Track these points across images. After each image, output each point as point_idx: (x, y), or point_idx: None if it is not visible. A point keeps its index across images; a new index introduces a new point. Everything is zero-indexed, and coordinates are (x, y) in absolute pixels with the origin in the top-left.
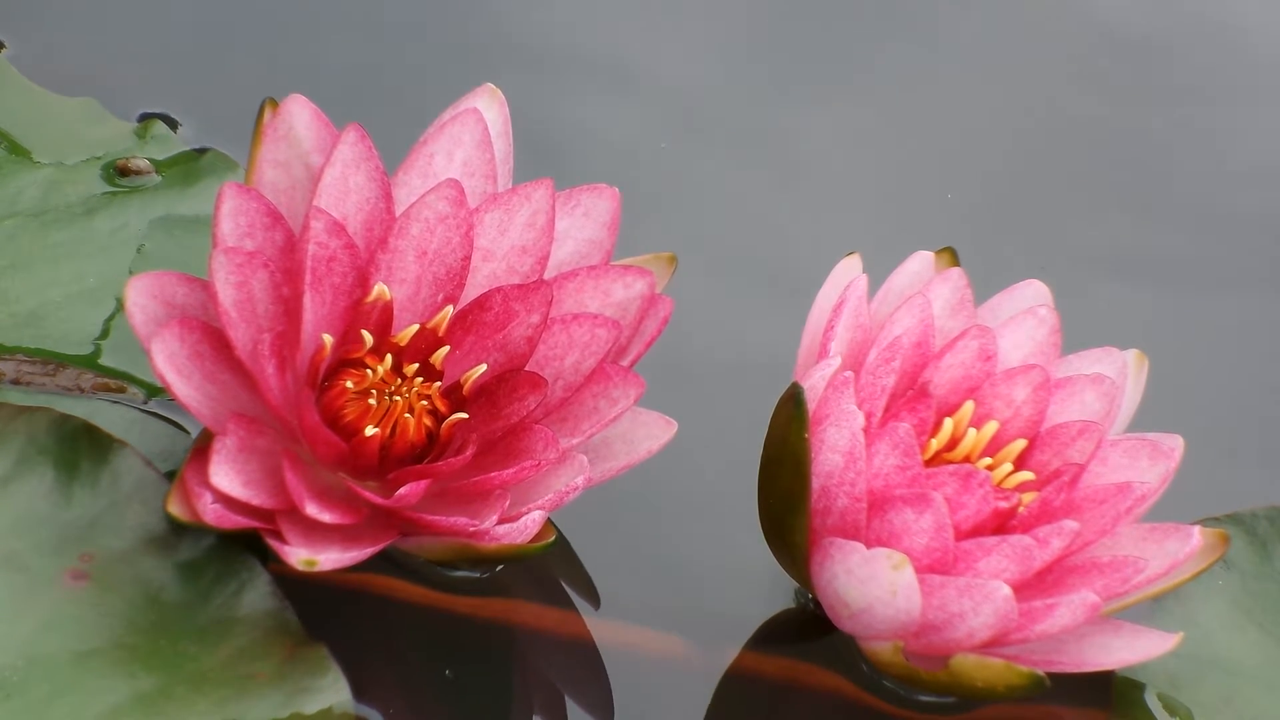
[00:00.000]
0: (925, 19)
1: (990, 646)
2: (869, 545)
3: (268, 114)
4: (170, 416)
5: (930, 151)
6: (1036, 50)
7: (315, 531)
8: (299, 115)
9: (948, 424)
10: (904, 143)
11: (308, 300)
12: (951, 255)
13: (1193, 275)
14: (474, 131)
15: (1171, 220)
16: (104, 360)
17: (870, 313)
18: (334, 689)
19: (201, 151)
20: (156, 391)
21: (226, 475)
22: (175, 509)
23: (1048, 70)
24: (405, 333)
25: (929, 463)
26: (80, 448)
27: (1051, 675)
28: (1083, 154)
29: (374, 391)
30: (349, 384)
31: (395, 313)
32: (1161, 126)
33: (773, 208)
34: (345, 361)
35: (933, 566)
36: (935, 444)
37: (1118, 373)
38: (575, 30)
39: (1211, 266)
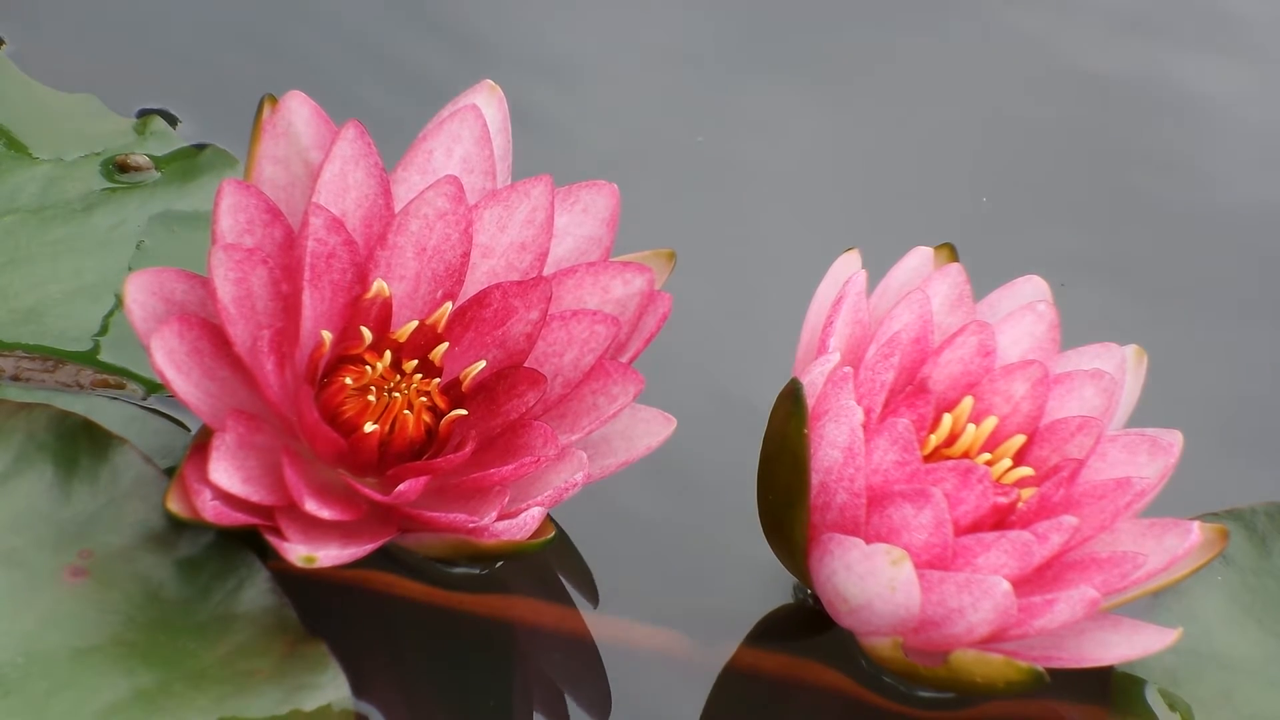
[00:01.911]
0: (923, 19)
1: (989, 642)
2: (868, 541)
3: (267, 110)
4: (169, 413)
5: (930, 150)
6: (1031, 49)
7: (314, 528)
8: (298, 112)
9: (947, 420)
10: (905, 141)
11: (307, 297)
12: (950, 251)
13: (1191, 271)
14: (473, 128)
15: (1171, 218)
16: (103, 356)
17: (869, 308)
18: (333, 686)
19: (200, 148)
20: (156, 388)
21: (226, 472)
22: (174, 505)
23: (1043, 69)
24: (404, 329)
25: (928, 458)
26: (79, 444)
27: (1051, 671)
28: (1081, 153)
29: (373, 388)
30: (348, 380)
31: (394, 309)
32: (1159, 125)
33: (772, 204)
34: (344, 358)
35: (932, 562)
36: (934, 440)
37: (1116, 368)
38: (574, 28)
39: (1210, 263)
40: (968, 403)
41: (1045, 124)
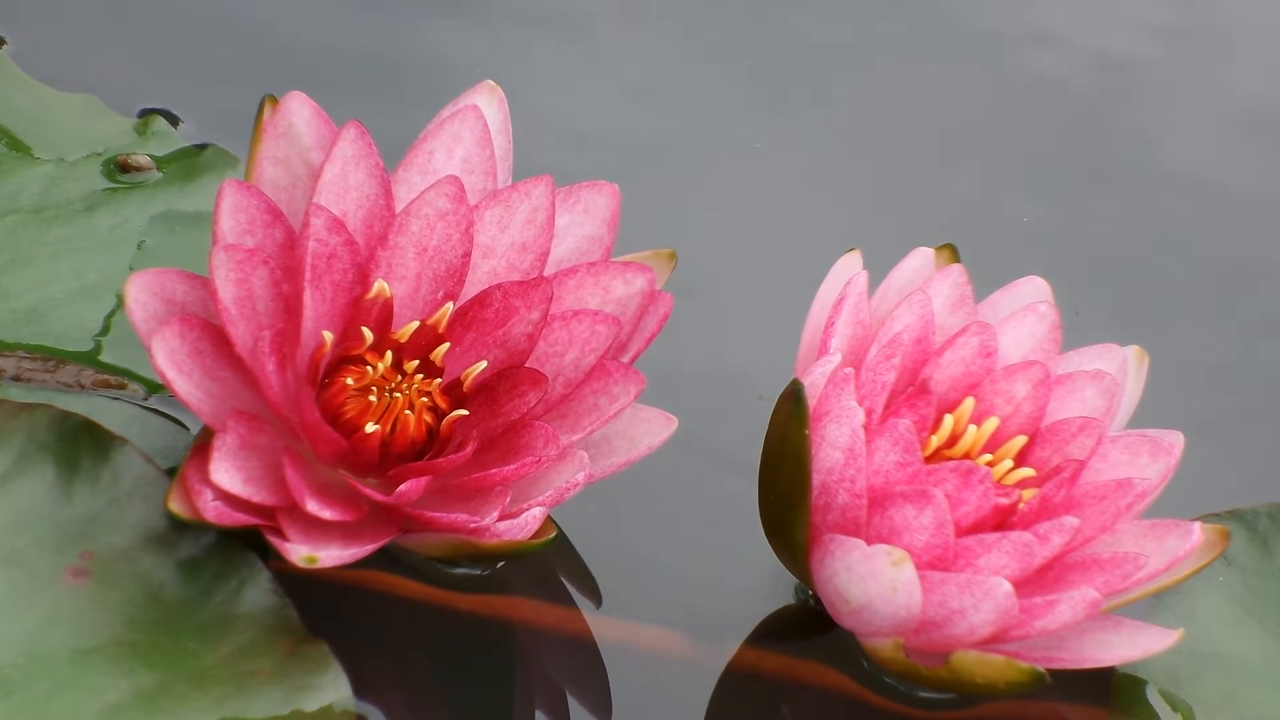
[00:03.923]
0: (926, 18)
1: (991, 643)
2: (869, 542)
3: (268, 111)
4: (170, 413)
5: (933, 149)
6: (1033, 50)
7: (316, 528)
8: (299, 112)
9: (948, 420)
10: (907, 141)
11: (308, 297)
12: (952, 252)
13: (1191, 270)
14: (474, 128)
15: (1174, 217)
16: (104, 357)
17: (870, 309)
18: (334, 686)
19: (202, 148)
20: (157, 388)
21: (227, 472)
22: (176, 506)
23: (1047, 70)
24: (405, 329)
25: (929, 459)
26: (81, 444)
27: (1052, 671)
28: (1081, 152)
29: (374, 388)
30: (349, 381)
31: (395, 309)
32: (1156, 123)
33: (773, 205)
34: (345, 358)
35: (933, 563)
36: (935, 440)
37: (1118, 369)
38: (575, 28)
39: (1208, 261)
40: (969, 403)
41: (1048, 123)
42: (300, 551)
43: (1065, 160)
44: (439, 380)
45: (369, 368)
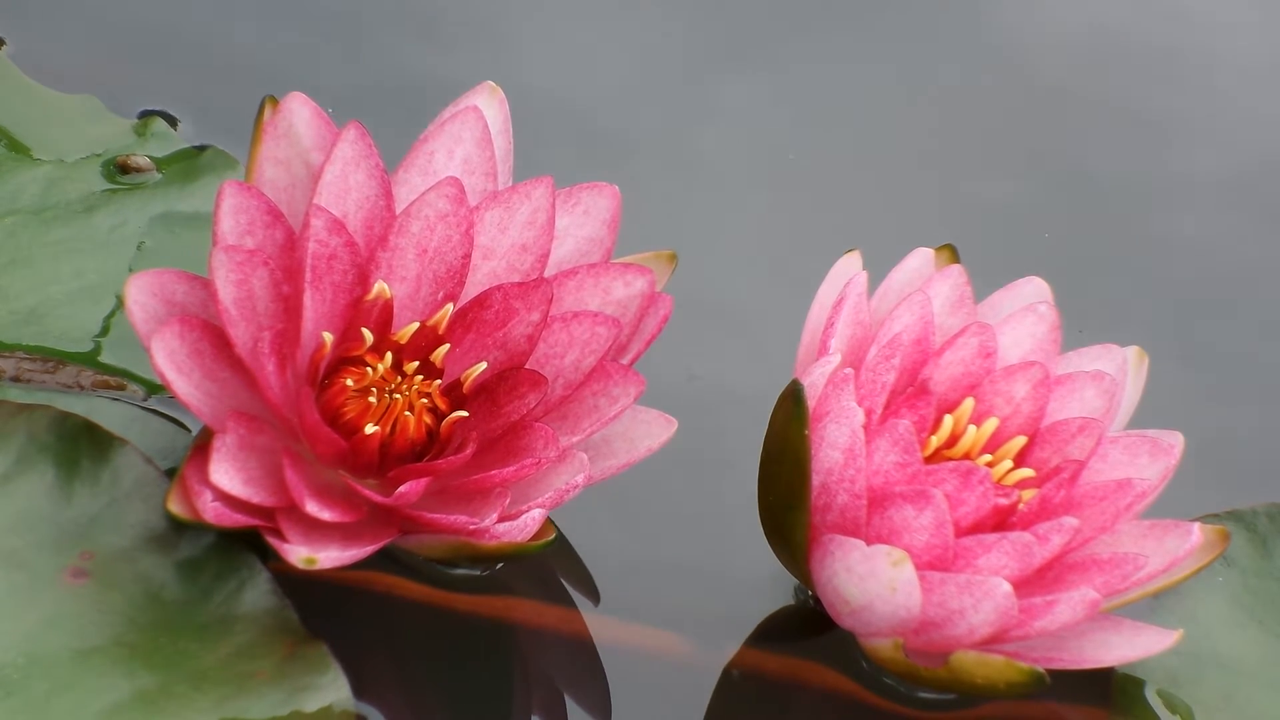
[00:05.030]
0: (926, 19)
1: (990, 643)
2: (869, 542)
3: (268, 111)
4: (170, 414)
5: (933, 150)
6: (1035, 51)
7: (315, 529)
8: (299, 113)
9: (948, 421)
10: (908, 141)
11: (308, 298)
12: (951, 252)
13: (1190, 269)
14: (474, 129)
15: (1168, 215)
16: (104, 357)
17: (870, 310)
18: (334, 687)
19: (201, 149)
20: (156, 389)
21: (226, 473)
22: (175, 507)
23: (1047, 71)
24: (405, 330)
25: (929, 460)
26: (80, 445)
27: (1051, 672)
28: (1079, 150)
29: (374, 389)
30: (349, 382)
31: (395, 310)
32: (1155, 118)
33: (773, 205)
34: (345, 359)
35: (933, 563)
36: (935, 441)
37: (1117, 369)
38: (575, 29)
39: (1207, 260)
40: (969, 404)
41: (1049, 126)
42: (299, 553)
43: (1067, 161)
44: (439, 381)
45: (369, 369)
